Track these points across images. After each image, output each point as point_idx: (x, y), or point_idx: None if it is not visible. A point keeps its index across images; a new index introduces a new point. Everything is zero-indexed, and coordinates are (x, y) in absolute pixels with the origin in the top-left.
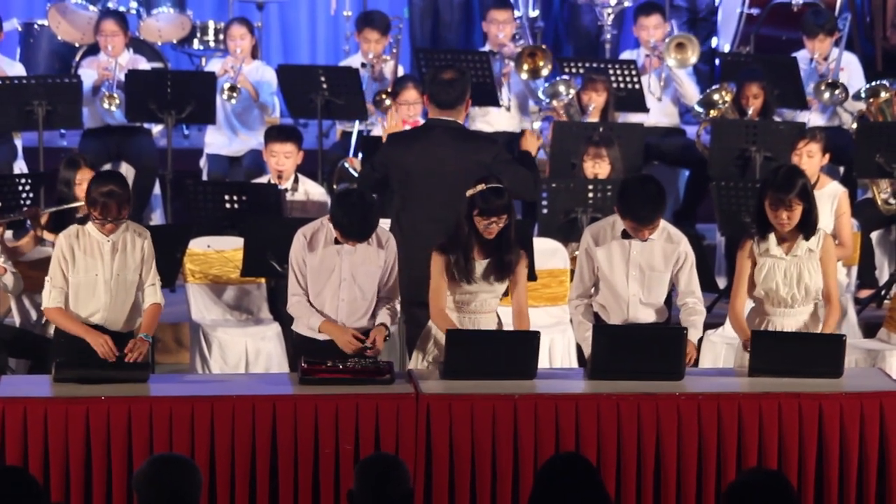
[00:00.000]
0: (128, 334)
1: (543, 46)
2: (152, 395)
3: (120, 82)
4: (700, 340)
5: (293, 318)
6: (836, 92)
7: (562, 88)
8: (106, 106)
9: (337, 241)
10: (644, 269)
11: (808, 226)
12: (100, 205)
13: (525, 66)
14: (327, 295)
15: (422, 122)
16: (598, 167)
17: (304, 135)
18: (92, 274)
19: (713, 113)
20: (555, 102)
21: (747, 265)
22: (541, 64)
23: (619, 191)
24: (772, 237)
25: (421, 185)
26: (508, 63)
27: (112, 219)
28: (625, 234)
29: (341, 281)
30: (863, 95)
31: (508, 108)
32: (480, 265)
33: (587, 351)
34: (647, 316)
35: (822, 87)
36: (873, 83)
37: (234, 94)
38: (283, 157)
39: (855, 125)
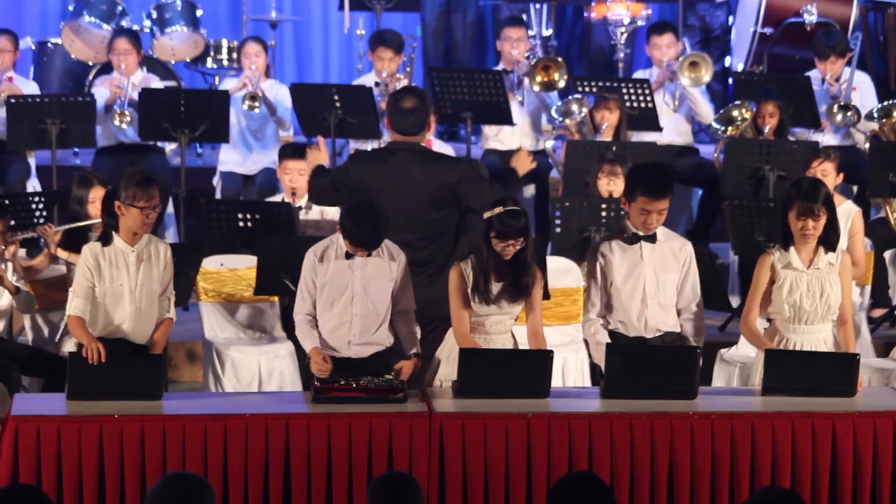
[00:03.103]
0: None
1: (559, 59)
2: (165, 413)
3: (132, 101)
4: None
5: None
6: (849, 114)
7: (574, 107)
8: (117, 123)
9: (348, 256)
10: (657, 272)
11: (829, 238)
12: (141, 190)
13: (538, 79)
14: (340, 309)
15: (434, 141)
16: (612, 184)
17: None
18: (117, 284)
19: (731, 130)
20: (567, 121)
21: (765, 280)
22: (555, 76)
23: (627, 175)
24: (793, 251)
25: (385, 206)
26: (523, 79)
27: (156, 205)
28: (633, 240)
29: (354, 295)
30: (875, 115)
31: (522, 103)
32: (496, 286)
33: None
34: (664, 319)
35: (835, 110)
36: (886, 103)
37: (256, 105)
38: (297, 175)
39: (868, 145)
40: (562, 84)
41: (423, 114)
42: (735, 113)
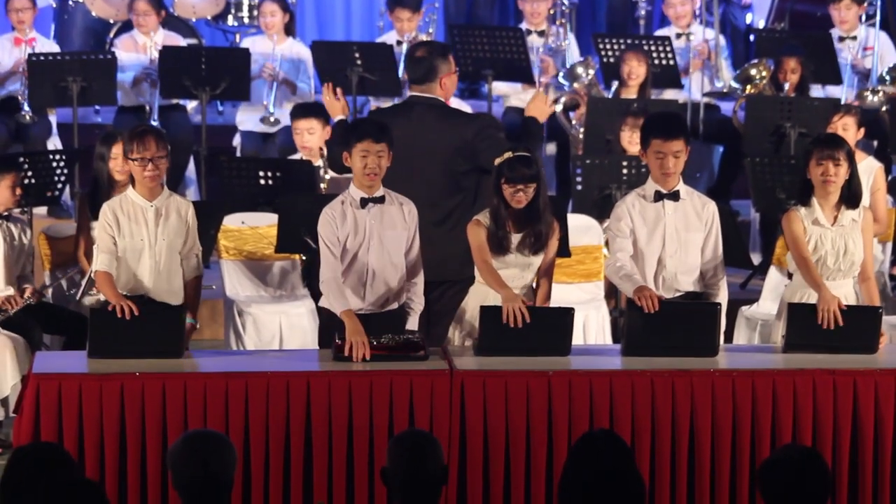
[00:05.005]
0: (177, 308)
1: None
2: (186, 371)
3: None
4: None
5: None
6: (879, 96)
7: (580, 70)
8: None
9: (362, 205)
10: (679, 231)
11: (851, 193)
12: (135, 142)
13: None
14: (357, 260)
15: (452, 100)
16: (636, 136)
17: None
18: (137, 239)
19: (749, 89)
20: (576, 85)
21: (800, 232)
22: None
23: (641, 128)
24: (817, 207)
25: (403, 161)
26: (548, 65)
27: (151, 156)
28: (656, 197)
29: (370, 245)
30: (887, 78)
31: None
32: (515, 238)
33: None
34: (684, 279)
35: (866, 93)
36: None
37: (279, 122)
38: (307, 134)
39: (885, 107)
40: None
41: (432, 62)
42: (753, 72)
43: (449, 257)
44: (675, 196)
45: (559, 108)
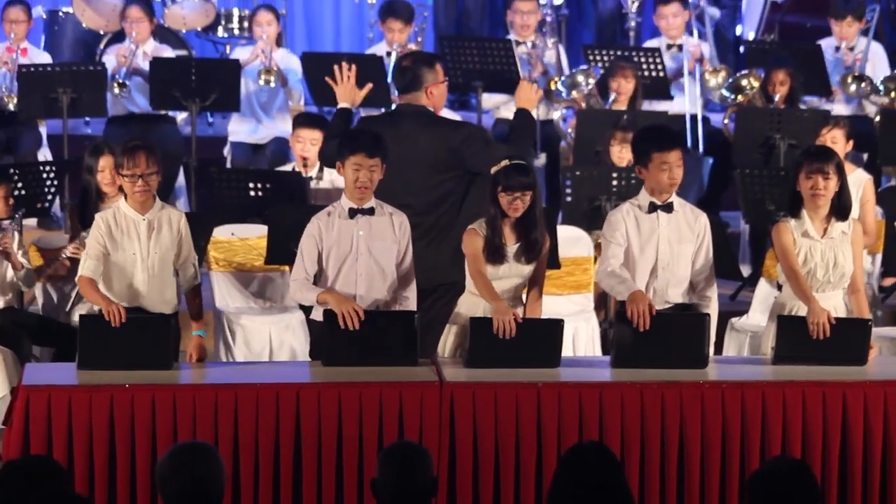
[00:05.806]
0: (169, 316)
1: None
2: (176, 382)
3: (139, 70)
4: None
5: (311, 308)
6: (863, 85)
7: (580, 78)
8: (115, 92)
9: (351, 215)
10: (672, 242)
11: (841, 206)
12: (126, 158)
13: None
14: (345, 271)
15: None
16: (625, 152)
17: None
18: (129, 252)
19: (740, 98)
20: (574, 93)
21: (790, 244)
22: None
23: (634, 143)
24: (807, 219)
25: (390, 169)
26: (536, 61)
27: (141, 172)
28: (650, 209)
29: (358, 255)
30: (880, 88)
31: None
32: (511, 248)
33: (624, 294)
34: (675, 290)
35: (849, 80)
36: (893, 71)
37: (271, 79)
38: (310, 144)
39: (878, 118)
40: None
41: (416, 71)
42: (744, 82)
43: (438, 264)
44: (668, 208)
45: (556, 115)
